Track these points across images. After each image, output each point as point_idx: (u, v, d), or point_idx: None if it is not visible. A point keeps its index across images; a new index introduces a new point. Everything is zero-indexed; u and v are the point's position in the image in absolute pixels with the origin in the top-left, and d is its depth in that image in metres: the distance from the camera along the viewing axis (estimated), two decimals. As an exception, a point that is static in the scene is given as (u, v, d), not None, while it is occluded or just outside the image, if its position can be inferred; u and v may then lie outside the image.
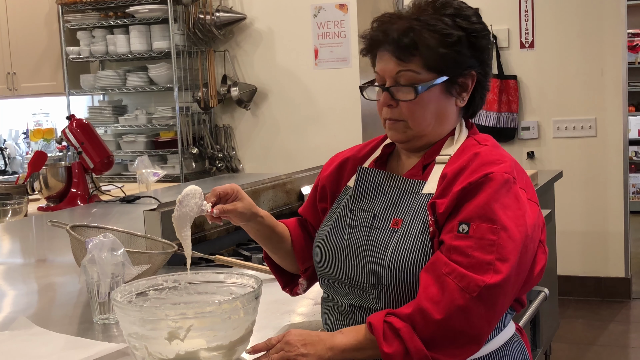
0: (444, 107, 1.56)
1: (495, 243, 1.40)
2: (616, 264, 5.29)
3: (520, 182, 1.51)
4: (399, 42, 1.50)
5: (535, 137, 5.37)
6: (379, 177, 1.62)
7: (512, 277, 1.41)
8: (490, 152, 1.52)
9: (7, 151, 6.65)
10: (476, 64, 1.55)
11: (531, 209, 1.49)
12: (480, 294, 1.37)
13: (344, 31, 5.71)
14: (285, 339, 1.44)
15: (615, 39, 5.11)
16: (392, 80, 1.54)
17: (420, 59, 1.51)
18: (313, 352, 1.42)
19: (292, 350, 1.42)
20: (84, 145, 4.03)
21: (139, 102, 6.32)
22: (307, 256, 1.75)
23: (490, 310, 1.40)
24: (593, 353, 4.33)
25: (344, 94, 5.71)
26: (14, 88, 6.34)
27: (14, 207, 3.57)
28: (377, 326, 1.40)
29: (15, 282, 2.31)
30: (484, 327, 1.41)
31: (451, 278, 1.38)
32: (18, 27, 6.25)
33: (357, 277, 1.55)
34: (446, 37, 1.50)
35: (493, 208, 1.42)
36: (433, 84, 1.52)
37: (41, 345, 1.61)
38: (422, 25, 1.50)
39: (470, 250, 1.40)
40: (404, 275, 1.47)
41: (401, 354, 1.38)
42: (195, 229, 2.49)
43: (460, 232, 1.42)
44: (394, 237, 1.51)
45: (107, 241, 1.70)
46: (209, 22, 5.83)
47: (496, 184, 1.44)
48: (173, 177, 5.73)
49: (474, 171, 1.47)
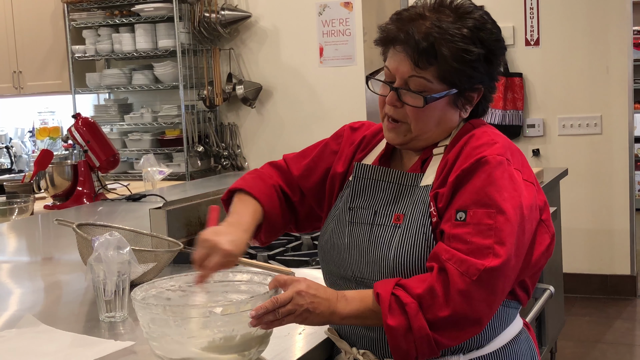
0: (447, 116, 1.55)
1: (493, 227, 1.40)
2: (622, 261, 5.28)
3: (515, 162, 1.50)
4: (418, 45, 1.47)
5: (540, 135, 5.36)
6: (376, 173, 1.61)
7: (511, 260, 1.41)
8: (484, 133, 1.52)
9: (14, 150, 6.66)
10: (487, 80, 1.54)
11: (527, 190, 1.49)
12: (480, 278, 1.37)
13: (349, 29, 5.71)
14: (297, 288, 1.39)
15: (620, 36, 5.10)
16: (402, 81, 1.52)
17: (436, 70, 1.49)
18: (318, 312, 1.40)
19: (302, 304, 1.38)
20: (90, 143, 4.04)
21: (145, 100, 6.34)
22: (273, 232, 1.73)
23: (491, 294, 1.40)
24: (599, 351, 4.32)
25: (349, 91, 5.71)
26: (20, 87, 6.35)
27: (20, 205, 3.58)
28: (384, 297, 1.39)
29: (22, 280, 2.32)
30: (484, 311, 1.40)
31: (451, 263, 1.38)
32: (24, 25, 6.26)
33: (363, 273, 1.55)
34: (465, 52, 1.48)
35: (488, 192, 1.42)
36: (442, 96, 1.51)
37: (48, 343, 1.61)
38: (442, 34, 1.47)
39: (469, 237, 1.40)
40: (410, 269, 1.48)
41: (404, 328, 1.38)
42: (200, 228, 2.48)
43: (458, 220, 1.42)
44: (397, 232, 1.51)
45: (113, 239, 1.71)
46: (214, 20, 5.83)
47: (490, 167, 1.44)
48: (179, 175, 5.74)
49: (468, 156, 1.47)
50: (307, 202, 1.76)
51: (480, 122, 1.59)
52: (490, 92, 1.59)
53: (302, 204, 1.77)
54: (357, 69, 5.66)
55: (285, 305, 1.37)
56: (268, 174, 1.77)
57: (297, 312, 1.38)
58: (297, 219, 1.79)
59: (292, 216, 1.78)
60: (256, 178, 1.75)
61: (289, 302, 1.38)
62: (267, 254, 2.47)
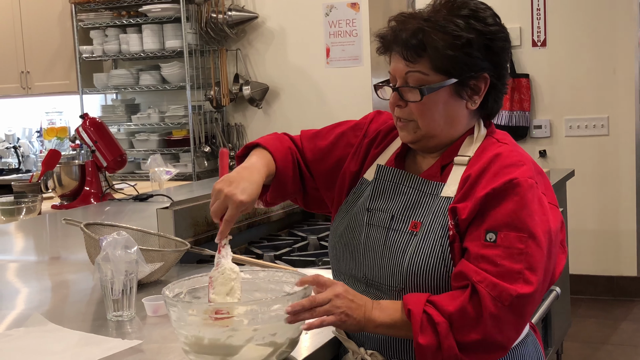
0: (453, 109, 1.54)
1: (524, 252, 1.40)
2: (628, 262, 5.27)
3: (541, 186, 1.50)
4: (406, 42, 1.49)
5: (547, 136, 5.36)
6: (397, 177, 1.61)
7: (541, 286, 1.42)
8: (511, 152, 1.51)
9: (21, 149, 6.68)
10: (489, 67, 1.52)
11: (553, 213, 1.49)
12: (512, 304, 1.38)
13: (356, 30, 5.71)
14: (336, 291, 1.41)
15: (627, 37, 5.10)
16: (402, 80, 1.53)
17: (428, 60, 1.49)
18: (354, 316, 1.41)
19: (339, 306, 1.40)
20: (97, 143, 4.05)
21: (152, 100, 6.35)
22: (280, 195, 1.73)
23: (520, 319, 1.41)
24: (605, 352, 4.32)
25: (356, 92, 5.71)
26: (28, 87, 6.37)
27: (28, 205, 3.59)
28: (416, 315, 1.40)
29: (29, 280, 2.33)
30: (512, 335, 1.42)
31: (483, 286, 1.38)
32: (32, 26, 6.29)
33: (374, 277, 1.55)
34: (455, 38, 1.48)
35: (520, 216, 1.41)
36: (440, 86, 1.50)
37: (55, 341, 1.62)
38: (432, 26, 1.48)
39: (499, 259, 1.40)
40: (422, 279, 1.48)
41: (434, 347, 1.39)
42: (207, 227, 2.50)
43: (488, 241, 1.42)
44: (413, 240, 1.51)
45: (121, 239, 1.71)
46: (221, 21, 5.84)
47: (522, 190, 1.43)
48: (185, 176, 5.75)
49: (496, 174, 1.45)
50: (315, 185, 1.77)
51: (504, 136, 1.58)
52: (500, 81, 1.55)
53: (311, 182, 1.77)
54: (363, 70, 5.66)
55: (322, 305, 1.39)
56: (287, 139, 1.78)
57: (336, 314, 1.40)
58: (305, 194, 1.79)
59: (301, 188, 1.78)
60: (274, 138, 1.75)
61: (326, 303, 1.39)
62: (274, 254, 2.48)
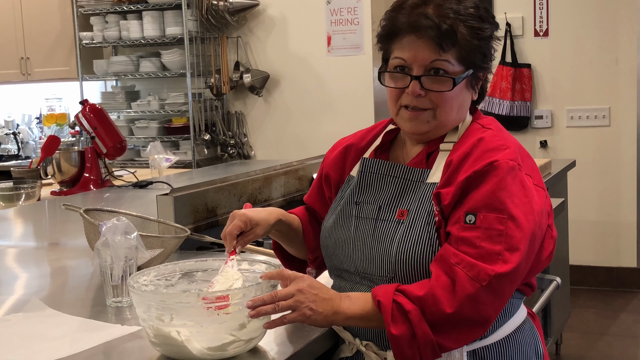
0: (465, 99, 1.55)
1: (503, 233, 1.39)
2: (628, 254, 5.27)
3: (526, 167, 1.50)
4: (440, 28, 1.46)
5: (548, 126, 5.34)
6: (382, 168, 1.60)
7: (521, 266, 1.41)
8: (494, 136, 1.51)
9: (21, 136, 6.67)
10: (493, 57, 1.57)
11: (538, 195, 1.48)
12: (490, 283, 1.37)
13: (357, 18, 5.69)
14: (299, 286, 1.40)
15: (630, 27, 5.07)
16: (423, 68, 1.50)
17: (456, 51, 1.49)
18: (320, 311, 1.40)
19: (303, 301, 1.38)
20: (97, 130, 4.04)
21: (152, 87, 6.33)
22: (316, 245, 1.74)
23: (498, 299, 1.40)
24: (604, 343, 4.32)
25: (357, 81, 5.70)
26: (27, 73, 6.35)
27: (27, 191, 3.58)
28: (386, 305, 1.39)
29: (29, 265, 2.32)
30: (490, 315, 1.41)
31: (460, 267, 1.38)
32: (32, 12, 6.26)
33: (365, 268, 1.55)
34: (480, 30, 1.49)
35: (499, 197, 1.41)
36: (466, 76, 1.51)
37: (54, 327, 1.61)
38: (456, 14, 1.48)
39: (478, 241, 1.40)
40: (412, 266, 1.47)
41: (408, 336, 1.38)
42: (207, 214, 2.49)
43: (467, 223, 1.41)
44: (400, 228, 1.51)
45: (121, 225, 1.70)
46: (222, 8, 5.82)
47: (502, 172, 1.43)
48: (185, 163, 5.74)
49: (478, 158, 1.45)
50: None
51: (490, 121, 1.58)
52: (490, 72, 1.61)
53: None
54: (365, 59, 5.64)
55: (285, 299, 1.38)
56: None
57: (299, 309, 1.38)
58: None
59: None
60: None
61: (289, 297, 1.38)
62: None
